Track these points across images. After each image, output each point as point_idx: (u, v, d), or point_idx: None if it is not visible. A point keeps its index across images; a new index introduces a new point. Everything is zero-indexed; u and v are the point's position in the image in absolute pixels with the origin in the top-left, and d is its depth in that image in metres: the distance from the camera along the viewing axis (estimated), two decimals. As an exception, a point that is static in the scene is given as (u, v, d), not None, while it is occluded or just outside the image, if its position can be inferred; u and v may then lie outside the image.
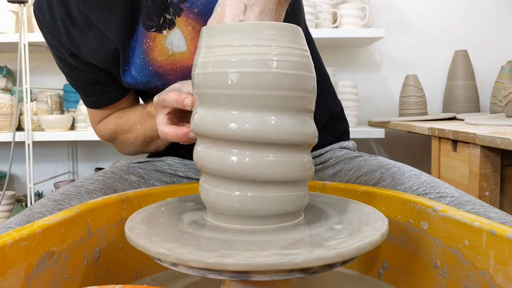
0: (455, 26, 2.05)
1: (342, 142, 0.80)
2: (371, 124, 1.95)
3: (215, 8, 0.46)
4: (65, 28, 0.67)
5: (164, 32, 0.66)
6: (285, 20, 0.44)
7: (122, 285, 0.27)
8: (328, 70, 0.87)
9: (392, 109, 2.04)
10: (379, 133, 1.78)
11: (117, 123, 0.76)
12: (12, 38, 1.78)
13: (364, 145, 2.08)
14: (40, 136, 1.81)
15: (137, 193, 0.54)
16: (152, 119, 0.70)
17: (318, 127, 0.41)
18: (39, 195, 2.00)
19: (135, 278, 0.53)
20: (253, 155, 0.37)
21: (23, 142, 1.78)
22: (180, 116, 0.54)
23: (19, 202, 1.97)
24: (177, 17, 0.65)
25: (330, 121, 0.80)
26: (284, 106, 0.37)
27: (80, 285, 0.44)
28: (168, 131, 0.51)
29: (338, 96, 0.88)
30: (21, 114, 1.88)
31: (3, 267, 0.34)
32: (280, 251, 0.33)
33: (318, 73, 0.41)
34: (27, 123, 1.78)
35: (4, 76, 1.95)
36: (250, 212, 0.38)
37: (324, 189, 0.57)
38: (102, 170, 0.72)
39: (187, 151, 0.77)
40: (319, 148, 0.77)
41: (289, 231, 0.38)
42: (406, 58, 2.07)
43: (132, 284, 0.51)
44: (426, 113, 1.82)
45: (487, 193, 1.06)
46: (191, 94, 0.48)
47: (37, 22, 0.70)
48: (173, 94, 0.50)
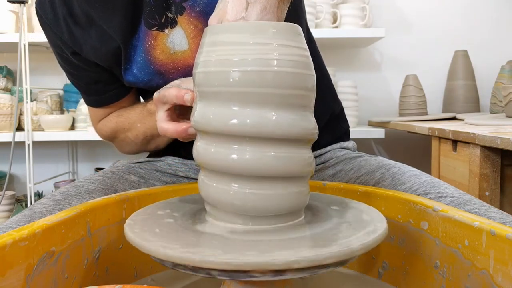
0: (455, 26, 2.05)
1: (342, 143, 0.80)
2: (371, 124, 1.95)
3: (217, 5, 0.46)
4: (67, 26, 0.67)
5: (166, 30, 0.66)
6: (287, 20, 0.44)
7: (122, 285, 0.27)
8: (328, 70, 0.86)
9: (392, 109, 2.04)
10: (379, 133, 1.78)
11: (118, 122, 0.76)
12: (12, 38, 1.78)
13: (364, 145, 2.08)
14: (40, 136, 1.81)
15: (137, 193, 0.54)
16: (152, 117, 0.70)
17: (318, 127, 0.41)
18: (39, 195, 2.00)
19: (135, 278, 0.53)
20: (254, 150, 0.37)
21: (23, 142, 1.78)
22: (180, 113, 0.54)
23: (19, 202, 1.97)
24: (179, 15, 0.65)
25: (331, 121, 0.80)
26: (284, 103, 0.37)
27: (80, 285, 0.44)
28: (168, 127, 0.51)
29: (338, 96, 0.88)
30: (21, 114, 1.88)
31: (3, 267, 0.34)
32: (280, 251, 0.33)
33: (319, 73, 0.42)
34: (27, 123, 1.78)
35: (4, 76, 1.95)
36: (251, 208, 0.37)
37: (324, 189, 0.57)
38: (102, 170, 0.72)
39: (186, 151, 0.76)
40: (319, 148, 0.77)
41: (289, 231, 0.38)
42: (406, 58, 2.07)
43: (132, 284, 0.51)
44: (426, 113, 1.82)
45: (487, 193, 1.06)
46: (191, 90, 0.48)
47: (39, 20, 0.70)
48: (173, 90, 0.50)
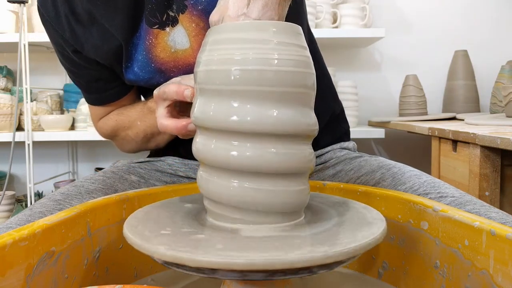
0: (455, 26, 2.05)
1: (342, 143, 0.80)
2: (371, 124, 1.95)
3: (218, 1, 0.46)
4: (68, 24, 0.67)
5: (167, 29, 0.66)
6: (288, 20, 0.44)
7: (122, 285, 0.27)
8: (328, 70, 0.86)
9: (392, 109, 2.04)
10: (379, 133, 1.78)
11: (118, 120, 0.76)
12: (12, 38, 1.78)
13: (364, 145, 2.08)
14: (40, 136, 1.81)
15: (137, 193, 0.54)
16: (152, 115, 0.70)
17: (318, 127, 0.41)
18: (39, 195, 2.00)
19: (135, 278, 0.53)
20: (254, 146, 0.37)
21: (23, 142, 1.78)
22: (180, 110, 0.54)
23: (19, 202, 1.97)
24: (180, 14, 0.65)
25: (331, 121, 0.80)
26: (285, 100, 0.37)
27: (80, 285, 0.44)
28: (168, 123, 0.51)
29: (338, 96, 0.88)
30: (21, 114, 1.88)
31: (3, 267, 0.34)
32: (280, 251, 0.33)
33: (320, 73, 0.42)
34: (27, 123, 1.78)
35: (4, 76, 1.95)
36: (250, 202, 0.37)
37: (324, 189, 0.57)
38: (103, 170, 0.72)
39: (186, 150, 0.77)
40: (320, 149, 0.77)
41: (289, 231, 0.38)
42: (406, 58, 2.07)
43: (132, 284, 0.51)
44: (426, 113, 1.82)
45: (487, 193, 1.06)
46: (191, 86, 0.48)
47: (40, 18, 0.70)
48: (173, 86, 0.50)
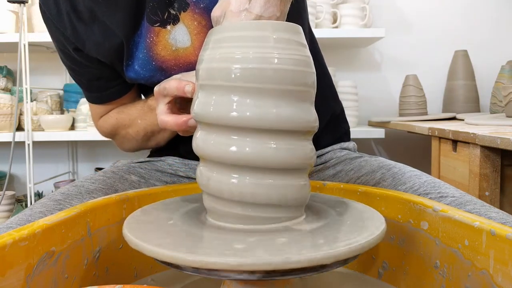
0: (455, 26, 2.05)
1: (342, 143, 0.80)
2: (371, 124, 1.95)
3: None
4: (70, 22, 0.67)
5: (168, 27, 0.66)
6: (289, 19, 0.44)
7: (122, 285, 0.27)
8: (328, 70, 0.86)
9: (392, 109, 2.04)
10: (379, 133, 1.78)
11: (118, 118, 0.76)
12: (12, 38, 1.78)
13: (364, 145, 2.08)
14: (40, 136, 1.81)
15: (137, 193, 0.54)
16: (153, 112, 0.70)
17: (319, 127, 0.41)
18: (39, 195, 2.00)
19: (135, 278, 0.53)
20: (254, 141, 0.37)
21: (23, 142, 1.78)
22: (181, 107, 0.54)
23: (19, 202, 1.97)
24: (182, 12, 0.65)
25: (331, 122, 0.80)
26: (285, 96, 0.37)
27: (80, 285, 0.44)
28: (168, 119, 0.51)
29: (339, 96, 0.87)
30: (21, 114, 1.88)
31: (3, 267, 0.34)
32: (280, 251, 0.33)
33: (321, 73, 0.42)
34: (27, 123, 1.78)
35: (4, 76, 1.95)
36: (249, 196, 0.37)
37: (324, 189, 0.57)
38: (103, 170, 0.72)
39: (186, 149, 0.77)
40: (320, 149, 0.77)
41: (289, 231, 0.38)
42: (406, 58, 2.07)
43: (132, 284, 0.51)
44: (426, 113, 1.82)
45: (487, 193, 1.06)
46: (192, 82, 0.48)
47: (42, 15, 0.70)
48: (174, 82, 0.50)
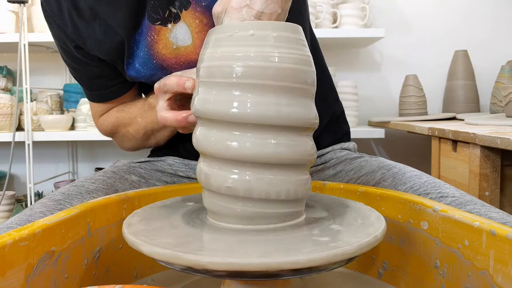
0: (455, 26, 2.05)
1: (343, 143, 0.80)
2: (371, 124, 1.95)
3: None
4: (71, 20, 0.67)
5: (169, 25, 0.66)
6: (291, 19, 0.44)
7: (122, 285, 0.27)
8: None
9: (392, 109, 2.04)
10: (379, 133, 1.78)
11: (118, 116, 0.76)
12: (12, 38, 1.78)
13: (364, 145, 2.08)
14: (40, 136, 1.81)
15: (137, 193, 0.54)
16: (153, 111, 0.70)
17: (319, 128, 0.41)
18: (39, 195, 2.00)
19: (135, 278, 0.53)
20: (254, 136, 0.37)
21: (23, 142, 1.78)
22: (181, 104, 0.54)
23: (19, 202, 1.97)
24: (183, 10, 0.65)
25: (331, 122, 0.80)
26: (285, 92, 0.37)
27: (80, 285, 0.44)
28: (168, 116, 0.51)
29: (339, 96, 0.87)
30: (21, 114, 1.88)
31: (3, 267, 0.34)
32: (280, 251, 0.33)
33: (321, 74, 0.42)
34: (27, 123, 1.78)
35: (4, 76, 1.95)
36: (251, 194, 0.37)
37: (324, 189, 0.57)
38: (103, 170, 0.72)
39: (186, 149, 0.77)
40: (320, 149, 0.77)
41: (289, 231, 0.38)
42: (406, 58, 2.07)
43: (132, 284, 0.51)
44: (426, 113, 1.82)
45: (487, 193, 1.06)
46: (193, 78, 0.48)
47: (43, 13, 0.70)
48: (174, 78, 0.50)
